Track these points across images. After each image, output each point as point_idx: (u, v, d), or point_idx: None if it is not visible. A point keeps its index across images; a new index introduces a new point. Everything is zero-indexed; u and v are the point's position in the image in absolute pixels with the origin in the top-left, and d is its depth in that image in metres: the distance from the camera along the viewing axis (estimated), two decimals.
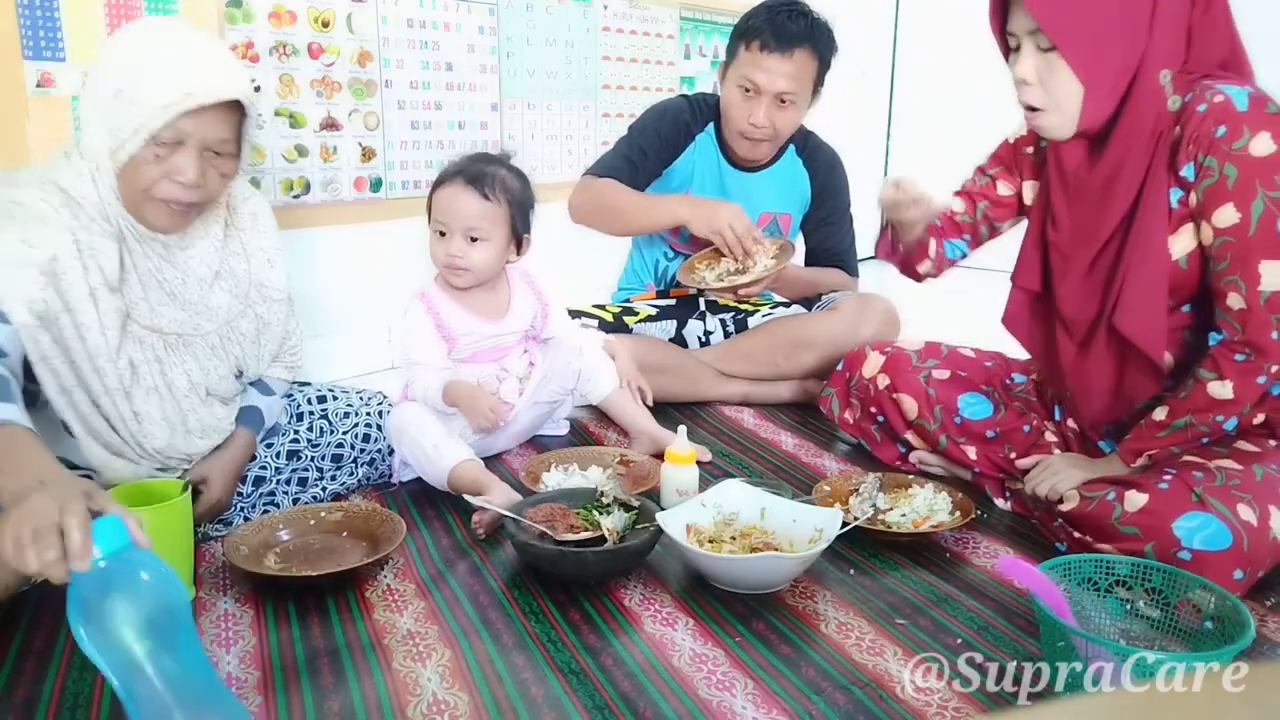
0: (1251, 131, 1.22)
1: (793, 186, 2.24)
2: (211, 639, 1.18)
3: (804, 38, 1.99)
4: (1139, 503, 1.26)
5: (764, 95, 2.02)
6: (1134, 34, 1.26)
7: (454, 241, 1.65)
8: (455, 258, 1.64)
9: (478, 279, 1.69)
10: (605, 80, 3.12)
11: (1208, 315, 1.34)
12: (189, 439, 1.40)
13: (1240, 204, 1.23)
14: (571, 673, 1.10)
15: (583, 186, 2.14)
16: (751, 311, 2.23)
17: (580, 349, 1.81)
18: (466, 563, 1.38)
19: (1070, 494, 1.37)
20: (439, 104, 2.64)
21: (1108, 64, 1.27)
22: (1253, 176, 1.22)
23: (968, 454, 1.61)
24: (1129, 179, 1.31)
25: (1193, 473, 1.27)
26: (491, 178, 1.65)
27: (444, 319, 1.70)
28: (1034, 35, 1.28)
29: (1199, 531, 1.20)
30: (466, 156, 1.70)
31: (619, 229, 2.16)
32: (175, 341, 1.37)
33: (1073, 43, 1.26)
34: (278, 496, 1.54)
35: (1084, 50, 1.26)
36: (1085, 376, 1.44)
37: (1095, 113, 1.30)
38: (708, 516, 1.39)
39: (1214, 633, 1.06)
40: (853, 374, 1.79)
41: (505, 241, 1.68)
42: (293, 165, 2.35)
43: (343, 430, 1.61)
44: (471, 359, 1.73)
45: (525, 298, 1.78)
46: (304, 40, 2.31)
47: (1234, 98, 1.23)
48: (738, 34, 2.06)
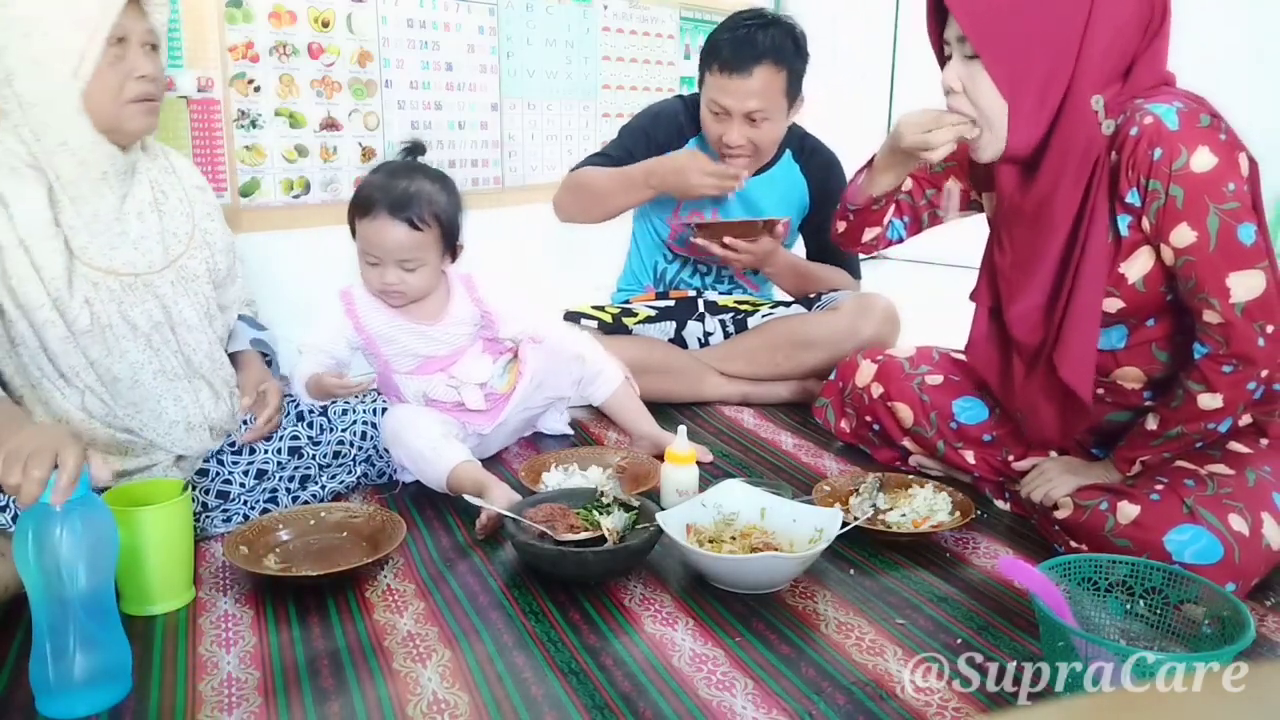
0: (1188, 149, 1.19)
1: (790, 190, 2.23)
2: (211, 639, 1.18)
3: (763, 54, 1.96)
4: (1131, 514, 1.26)
5: (734, 116, 2.01)
6: (1060, 55, 1.25)
7: (388, 271, 1.60)
8: (391, 285, 1.61)
9: (416, 297, 1.65)
10: (605, 80, 3.12)
11: (1174, 326, 1.34)
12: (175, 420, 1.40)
13: (1194, 222, 1.20)
14: (571, 673, 1.10)
15: (563, 185, 2.16)
16: (751, 311, 2.22)
17: (582, 357, 1.80)
18: (466, 563, 1.38)
19: (1064, 501, 1.37)
20: (439, 104, 2.64)
21: (1030, 79, 1.26)
22: (1200, 194, 1.20)
23: (965, 458, 1.61)
24: (1063, 205, 1.30)
25: (1184, 481, 1.27)
26: (417, 201, 1.57)
27: (365, 320, 1.66)
28: (961, 43, 1.29)
29: (1190, 545, 1.20)
30: (383, 169, 1.64)
31: (600, 213, 2.15)
32: (133, 282, 1.37)
33: (994, 53, 1.26)
34: (279, 494, 1.54)
35: (1005, 63, 1.26)
36: (1032, 399, 1.44)
37: (1021, 133, 1.29)
38: (708, 516, 1.39)
39: (1214, 633, 1.06)
40: (846, 384, 1.78)
41: (439, 259, 1.64)
42: (293, 165, 2.35)
43: (342, 428, 1.62)
44: (416, 370, 1.70)
45: (463, 302, 1.72)
46: (304, 40, 2.32)
47: (1163, 117, 1.20)
48: (703, 55, 2.06)
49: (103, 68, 1.29)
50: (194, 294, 1.45)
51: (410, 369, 1.70)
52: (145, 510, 1.22)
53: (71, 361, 1.33)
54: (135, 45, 1.32)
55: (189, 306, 1.43)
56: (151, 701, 1.05)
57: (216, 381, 1.48)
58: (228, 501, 1.49)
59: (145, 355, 1.37)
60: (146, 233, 1.40)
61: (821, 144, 2.27)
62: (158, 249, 1.41)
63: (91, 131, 1.30)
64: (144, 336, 1.37)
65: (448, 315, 1.70)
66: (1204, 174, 1.19)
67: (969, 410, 1.62)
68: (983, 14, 1.25)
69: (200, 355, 1.45)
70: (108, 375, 1.35)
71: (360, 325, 1.66)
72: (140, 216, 1.39)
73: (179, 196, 1.47)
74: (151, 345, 1.38)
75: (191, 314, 1.43)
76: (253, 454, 1.53)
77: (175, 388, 1.41)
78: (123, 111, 1.32)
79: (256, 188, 2.30)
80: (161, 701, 1.05)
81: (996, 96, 1.28)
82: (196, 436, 1.44)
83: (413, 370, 1.70)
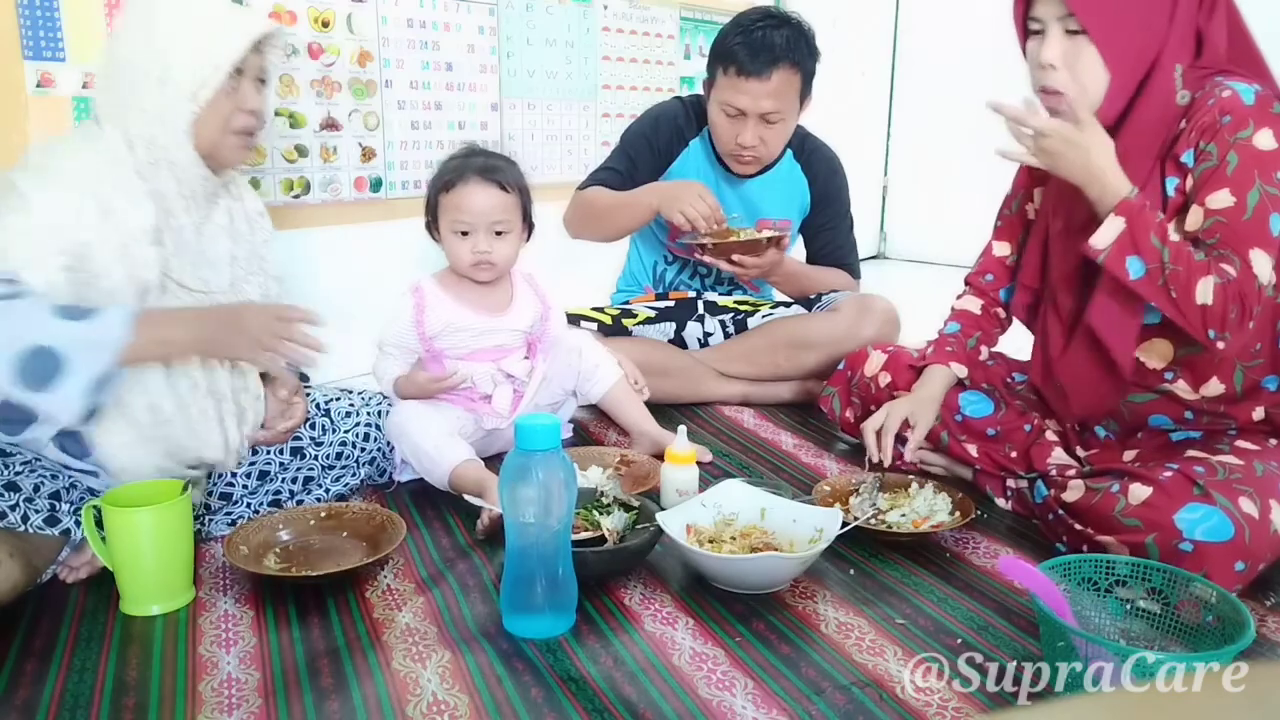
0: (1256, 125, 1.24)
1: (791, 191, 2.23)
2: (211, 639, 1.18)
3: (781, 56, 1.95)
4: (1142, 495, 1.27)
5: (749, 116, 2.01)
6: (1156, 25, 1.29)
7: (480, 239, 1.65)
8: (485, 254, 1.65)
9: (502, 272, 1.70)
10: (605, 80, 3.12)
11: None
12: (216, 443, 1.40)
13: (1236, 190, 1.24)
14: (571, 674, 1.10)
15: (572, 202, 2.17)
16: (751, 312, 2.22)
17: (579, 349, 1.80)
18: (466, 563, 1.38)
19: (1075, 484, 1.37)
20: (439, 104, 2.64)
21: (1131, 52, 1.29)
22: (1253, 167, 1.23)
23: (969, 451, 1.61)
24: (1133, 171, 1.31)
25: (1194, 467, 1.28)
26: (501, 169, 1.66)
27: (438, 313, 1.69)
28: (1063, 20, 1.30)
29: (1201, 523, 1.20)
30: (460, 153, 1.70)
31: (608, 233, 2.16)
32: (204, 300, 1.39)
33: (1102, 28, 1.28)
34: (282, 495, 1.54)
35: (1112, 36, 1.28)
36: (1069, 368, 1.46)
37: (1114, 103, 1.32)
38: (708, 516, 1.39)
39: (1214, 633, 1.06)
40: (854, 373, 1.79)
41: (520, 230, 1.70)
42: (293, 165, 2.35)
43: (345, 429, 1.62)
44: (470, 356, 1.73)
45: (527, 297, 1.78)
46: (304, 40, 2.31)
47: (1241, 93, 1.26)
48: (714, 56, 2.04)
49: (219, 96, 1.33)
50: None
51: (464, 354, 1.72)
52: (145, 510, 1.23)
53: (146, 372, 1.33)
54: (249, 79, 1.37)
55: None
56: (151, 701, 1.05)
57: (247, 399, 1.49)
58: (230, 503, 1.50)
59: (201, 373, 1.38)
60: (219, 255, 1.43)
61: (823, 144, 2.26)
62: (225, 271, 1.44)
63: (192, 153, 1.34)
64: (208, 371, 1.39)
65: (513, 308, 1.74)
66: (1264, 151, 1.23)
67: (975, 404, 1.63)
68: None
69: (249, 377, 1.47)
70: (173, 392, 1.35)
71: (433, 318, 1.68)
72: (214, 239, 1.43)
73: (245, 222, 1.51)
74: (207, 363, 1.39)
75: None
76: (255, 455, 1.53)
77: (222, 408, 1.42)
78: (226, 140, 1.37)
79: (256, 188, 2.30)
80: (161, 701, 1.05)
81: (1101, 70, 1.30)
82: (233, 457, 1.45)
83: (466, 356, 1.72)
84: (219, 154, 1.38)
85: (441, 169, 1.69)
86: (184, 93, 1.31)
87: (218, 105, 1.34)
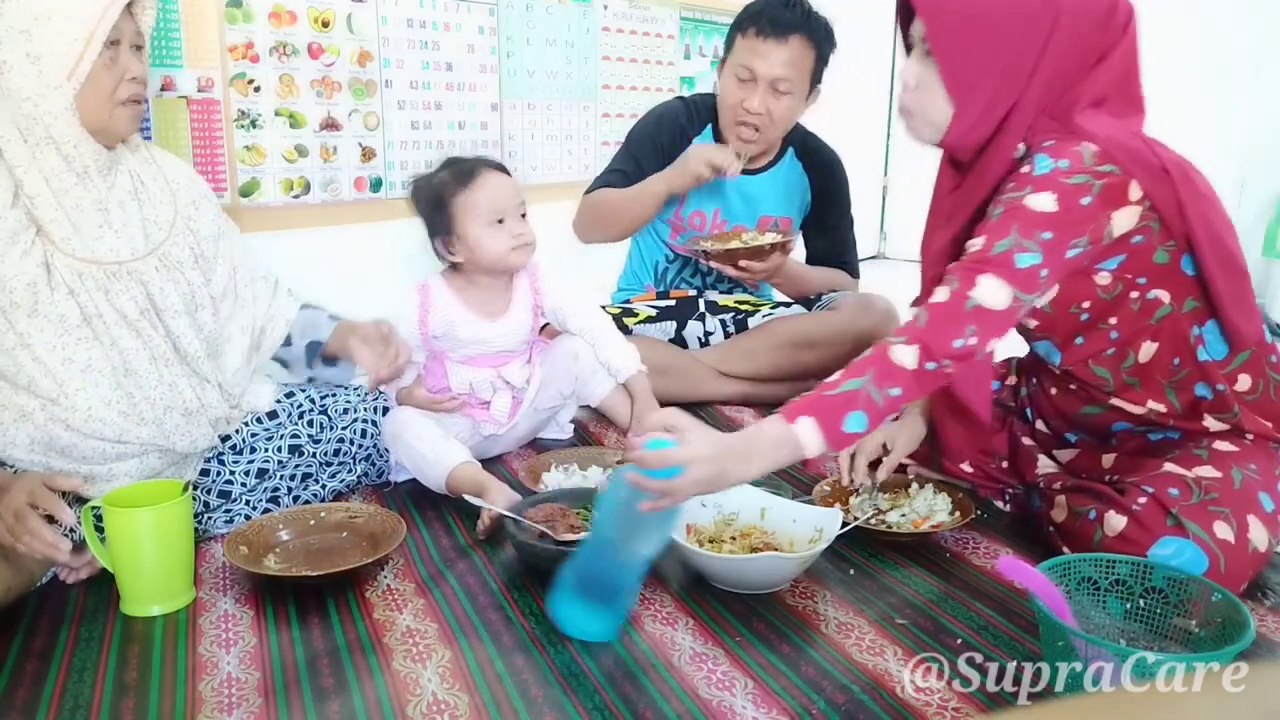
0: (1034, 190, 1.20)
1: (792, 189, 2.24)
2: (211, 639, 1.18)
3: (800, 25, 2.01)
4: (1117, 527, 1.26)
5: (760, 81, 2.02)
6: (1015, 76, 1.24)
7: (515, 222, 1.68)
8: (523, 235, 1.68)
9: (533, 251, 1.73)
10: (605, 80, 3.12)
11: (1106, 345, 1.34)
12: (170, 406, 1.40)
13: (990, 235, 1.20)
14: (571, 673, 1.10)
15: (580, 207, 2.18)
16: (751, 311, 2.23)
17: (576, 354, 1.80)
18: (466, 563, 1.38)
19: (1060, 503, 1.37)
20: (439, 104, 2.64)
21: (981, 91, 1.25)
22: (1012, 220, 1.20)
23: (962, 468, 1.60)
24: (963, 214, 1.32)
25: (1169, 490, 1.26)
26: (498, 162, 1.72)
27: (442, 312, 1.70)
28: (924, 41, 1.29)
29: (1174, 559, 1.19)
30: (444, 164, 1.71)
31: (620, 229, 2.17)
32: (118, 270, 1.37)
33: (950, 59, 1.25)
34: (280, 492, 1.54)
35: (959, 69, 1.26)
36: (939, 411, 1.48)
37: (959, 137, 1.29)
38: (708, 516, 1.39)
39: (1214, 633, 1.06)
40: None
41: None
42: (293, 165, 2.35)
43: (342, 426, 1.62)
44: (469, 361, 1.73)
45: (524, 298, 1.77)
46: (304, 40, 2.32)
47: (1038, 163, 1.21)
48: (735, 26, 2.09)
49: (98, 69, 1.29)
50: (178, 281, 1.44)
51: (463, 358, 1.73)
52: (145, 510, 1.23)
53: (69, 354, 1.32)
54: (126, 47, 1.33)
55: (174, 293, 1.43)
56: (151, 701, 1.05)
57: (205, 370, 1.47)
58: (229, 501, 1.50)
59: (136, 343, 1.37)
60: (128, 220, 1.40)
61: (824, 143, 2.27)
62: (139, 236, 1.41)
63: (79, 130, 1.30)
64: (132, 325, 1.37)
65: (511, 311, 1.75)
66: (1034, 210, 1.19)
67: None
68: (946, 18, 1.25)
69: (187, 343, 1.44)
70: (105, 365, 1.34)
71: (436, 317, 1.70)
72: (121, 205, 1.40)
73: (159, 185, 1.47)
74: (140, 333, 1.37)
75: (176, 301, 1.43)
76: (253, 454, 1.53)
77: (170, 373, 1.40)
78: (114, 113, 1.33)
79: (256, 188, 2.30)
80: (161, 701, 1.05)
81: (944, 101, 1.28)
82: (195, 424, 1.43)
83: (466, 360, 1.73)
84: (109, 127, 1.33)
85: (436, 184, 1.68)
86: (60, 72, 1.27)
87: (98, 80, 1.29)
